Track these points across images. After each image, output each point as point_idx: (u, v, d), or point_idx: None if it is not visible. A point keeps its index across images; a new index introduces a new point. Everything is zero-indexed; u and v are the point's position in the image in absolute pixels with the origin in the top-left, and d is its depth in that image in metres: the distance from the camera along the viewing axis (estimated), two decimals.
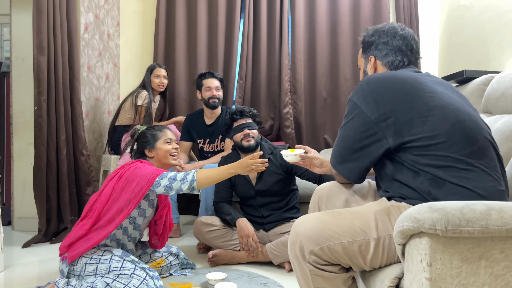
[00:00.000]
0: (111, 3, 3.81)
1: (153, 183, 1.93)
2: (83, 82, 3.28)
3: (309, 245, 1.21)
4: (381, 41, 1.47)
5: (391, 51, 1.46)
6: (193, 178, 1.93)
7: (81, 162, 3.08)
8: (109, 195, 1.98)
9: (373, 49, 1.49)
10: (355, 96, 1.32)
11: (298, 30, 3.73)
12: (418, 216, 0.98)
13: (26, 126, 3.22)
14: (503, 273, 0.98)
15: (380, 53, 1.48)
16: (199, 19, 3.79)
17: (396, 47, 1.45)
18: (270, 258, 2.39)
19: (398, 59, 1.45)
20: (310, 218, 1.26)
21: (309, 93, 3.81)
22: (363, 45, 1.54)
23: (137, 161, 2.09)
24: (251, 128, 2.56)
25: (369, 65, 1.50)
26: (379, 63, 1.48)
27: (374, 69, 1.49)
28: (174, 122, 3.47)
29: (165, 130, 2.22)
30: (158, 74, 3.33)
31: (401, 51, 1.45)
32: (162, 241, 2.27)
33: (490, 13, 3.02)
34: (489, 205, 0.98)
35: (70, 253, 1.90)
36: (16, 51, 3.25)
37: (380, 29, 1.49)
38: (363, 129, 1.28)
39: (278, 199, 2.56)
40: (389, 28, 1.48)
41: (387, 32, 1.47)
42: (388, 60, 1.46)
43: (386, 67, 1.47)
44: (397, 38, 1.46)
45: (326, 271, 1.23)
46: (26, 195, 3.21)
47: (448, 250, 0.97)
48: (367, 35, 1.53)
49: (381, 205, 1.27)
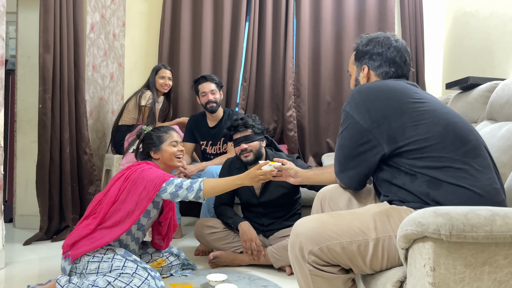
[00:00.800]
0: (117, 3, 3.83)
1: (160, 188, 1.94)
2: (87, 81, 3.30)
3: (308, 245, 1.22)
4: (375, 52, 1.48)
5: (385, 62, 1.47)
6: (199, 187, 1.94)
7: (84, 161, 3.08)
8: (115, 196, 1.99)
9: (367, 59, 1.50)
10: (348, 106, 1.36)
11: (303, 33, 3.74)
12: (422, 220, 0.98)
13: (30, 123, 3.23)
14: (506, 279, 0.98)
15: (374, 63, 1.48)
16: (205, 21, 3.80)
17: (390, 59, 1.46)
18: (271, 261, 2.38)
19: (392, 70, 1.46)
20: (310, 219, 1.28)
21: (313, 96, 3.81)
22: (356, 53, 1.55)
23: (143, 162, 2.09)
24: (248, 142, 2.44)
25: (362, 74, 1.51)
26: (372, 73, 1.49)
27: (367, 79, 1.50)
28: (177, 123, 3.48)
29: (171, 132, 2.22)
30: (163, 75, 3.34)
31: (395, 63, 1.46)
32: (167, 242, 2.28)
33: (496, 20, 3.02)
34: (494, 210, 0.98)
35: (73, 251, 1.90)
36: (22, 49, 3.26)
37: (375, 39, 1.50)
38: (357, 137, 1.32)
39: (281, 209, 2.53)
40: (384, 38, 1.49)
41: (381, 42, 1.48)
42: (381, 71, 1.47)
43: (379, 78, 1.48)
44: (391, 49, 1.47)
45: (326, 271, 1.23)
46: (29, 192, 3.22)
47: (452, 255, 0.96)
48: (361, 44, 1.53)
49: (381, 207, 1.29)
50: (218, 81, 3.14)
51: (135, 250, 2.15)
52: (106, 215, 1.97)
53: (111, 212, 1.97)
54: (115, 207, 1.98)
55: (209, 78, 3.12)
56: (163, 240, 2.28)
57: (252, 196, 2.52)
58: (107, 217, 1.97)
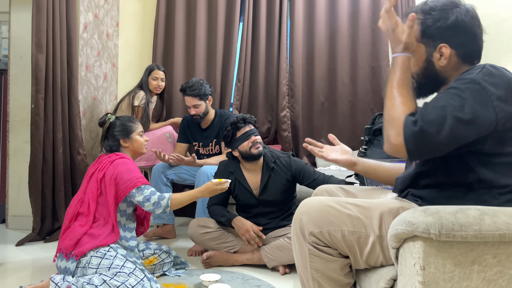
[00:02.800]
0: (110, 3, 3.82)
1: (128, 193, 2.04)
2: (81, 81, 3.28)
3: (310, 226, 1.23)
4: (459, 26, 1.19)
5: (470, 40, 1.20)
6: (167, 205, 2.05)
7: (78, 161, 3.07)
8: (96, 190, 2.08)
9: (446, 36, 1.19)
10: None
11: (297, 34, 3.75)
12: (412, 220, 0.99)
13: (23, 124, 3.21)
14: (495, 278, 0.99)
15: (457, 40, 1.19)
16: (199, 21, 3.80)
17: (475, 34, 1.20)
18: (265, 261, 2.39)
19: (476, 48, 1.22)
20: (317, 201, 1.27)
21: (306, 97, 3.82)
22: (426, 28, 1.22)
23: (113, 154, 2.17)
24: (257, 135, 2.50)
25: (439, 55, 1.21)
26: (454, 53, 1.20)
27: (448, 61, 1.21)
28: (171, 123, 3.47)
29: (138, 122, 2.32)
30: (156, 77, 3.32)
31: (480, 39, 1.21)
32: (147, 223, 2.36)
33: (488, 21, 3.04)
34: (483, 210, 0.99)
35: (77, 249, 1.95)
36: (14, 49, 3.25)
37: (454, 9, 1.20)
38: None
39: (279, 208, 2.55)
40: (464, 9, 1.20)
41: (463, 13, 1.19)
42: (466, 49, 1.20)
43: (460, 58, 1.21)
44: (476, 24, 1.20)
45: (325, 252, 1.24)
46: (21, 193, 3.20)
47: (442, 254, 0.97)
48: (433, 18, 1.20)
49: (391, 204, 1.25)
50: (201, 93, 2.96)
51: (135, 237, 2.21)
52: (96, 211, 2.05)
53: (99, 207, 2.07)
54: (100, 200, 2.07)
55: (189, 92, 2.96)
56: (143, 222, 2.35)
57: (251, 196, 2.53)
58: (97, 212, 2.06)
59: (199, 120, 3.06)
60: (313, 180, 2.45)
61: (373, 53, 3.75)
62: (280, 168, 2.51)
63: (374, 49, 3.75)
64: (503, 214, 0.98)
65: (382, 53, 3.74)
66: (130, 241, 2.15)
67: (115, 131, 2.26)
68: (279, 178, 2.49)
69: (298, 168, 2.49)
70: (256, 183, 2.53)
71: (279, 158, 2.54)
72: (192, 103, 2.99)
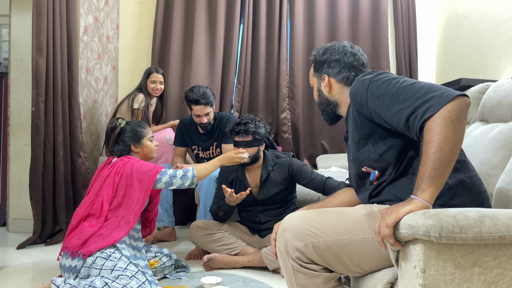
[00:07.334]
0: (111, 6, 3.82)
1: (155, 180, 2.09)
2: (81, 84, 3.29)
3: (293, 241, 1.23)
4: (333, 59, 1.50)
5: (344, 68, 1.49)
6: (193, 174, 2.16)
7: (78, 164, 3.07)
8: (112, 192, 2.08)
9: (325, 68, 1.51)
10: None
11: (297, 36, 3.75)
12: (412, 223, 0.98)
13: (23, 127, 3.22)
14: (496, 280, 0.99)
15: (333, 70, 1.50)
16: (197, 23, 3.79)
17: (348, 64, 1.49)
18: (265, 263, 2.39)
19: (352, 74, 1.48)
20: (296, 216, 1.28)
21: (307, 98, 3.82)
22: (314, 64, 1.56)
23: (125, 157, 2.19)
24: (246, 147, 2.42)
25: (323, 83, 1.52)
26: (333, 80, 1.50)
27: (329, 88, 1.51)
28: (171, 126, 3.47)
29: (148, 127, 2.35)
30: (155, 80, 3.30)
31: (354, 67, 1.49)
32: (153, 225, 2.40)
33: (488, 22, 3.04)
34: (483, 212, 0.99)
35: (84, 249, 1.96)
36: (15, 52, 3.25)
37: (330, 48, 1.52)
38: None
39: (278, 206, 2.56)
40: (339, 46, 1.52)
41: (337, 50, 1.51)
42: (342, 76, 1.49)
43: (341, 84, 1.49)
44: (348, 55, 1.49)
45: (308, 268, 1.24)
46: (22, 196, 3.20)
47: (442, 256, 0.97)
48: (318, 55, 1.55)
49: (368, 209, 1.28)
50: (212, 100, 2.90)
51: (140, 237, 2.22)
52: (108, 212, 2.06)
53: (113, 208, 2.07)
54: (116, 202, 2.08)
55: (203, 101, 2.83)
56: (150, 225, 2.38)
57: (251, 195, 2.54)
58: (109, 214, 2.06)
59: (208, 127, 2.97)
60: (310, 180, 2.47)
61: (373, 55, 3.75)
62: (279, 168, 2.52)
63: (374, 50, 3.75)
64: (503, 216, 0.98)
65: (382, 55, 3.74)
66: (137, 241, 2.17)
67: (126, 137, 2.26)
68: (278, 177, 2.51)
69: (296, 167, 2.51)
70: (256, 181, 2.54)
71: (279, 158, 2.56)
72: (204, 111, 2.87)
